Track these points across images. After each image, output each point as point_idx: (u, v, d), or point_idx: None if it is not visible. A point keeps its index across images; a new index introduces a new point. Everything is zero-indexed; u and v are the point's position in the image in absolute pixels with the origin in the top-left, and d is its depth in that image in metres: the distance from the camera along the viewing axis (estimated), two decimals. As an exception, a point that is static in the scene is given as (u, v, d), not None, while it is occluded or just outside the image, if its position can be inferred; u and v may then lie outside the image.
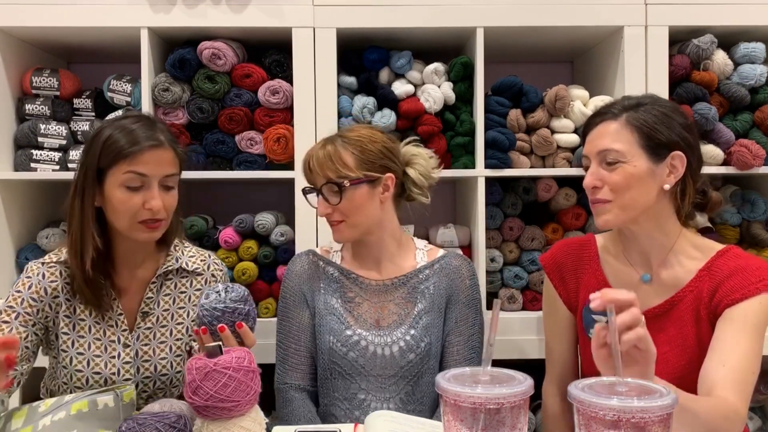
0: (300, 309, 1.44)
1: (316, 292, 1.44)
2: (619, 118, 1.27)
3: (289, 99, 1.84)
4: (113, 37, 1.88)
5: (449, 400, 0.84)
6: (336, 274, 1.46)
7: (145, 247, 1.38)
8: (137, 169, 1.26)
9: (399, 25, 1.82)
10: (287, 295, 1.46)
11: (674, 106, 1.31)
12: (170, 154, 1.31)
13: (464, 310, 1.44)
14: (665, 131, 1.24)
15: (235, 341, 1.16)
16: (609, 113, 1.29)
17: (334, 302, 1.43)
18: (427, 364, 1.39)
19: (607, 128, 1.28)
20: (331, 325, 1.40)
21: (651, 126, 1.25)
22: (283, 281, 1.49)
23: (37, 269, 1.34)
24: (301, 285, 1.46)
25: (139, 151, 1.26)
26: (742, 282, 1.22)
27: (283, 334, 1.45)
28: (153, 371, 1.35)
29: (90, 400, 1.15)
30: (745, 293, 1.21)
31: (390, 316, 1.42)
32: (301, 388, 1.42)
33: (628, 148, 1.24)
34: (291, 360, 1.43)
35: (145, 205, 1.27)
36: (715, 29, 1.85)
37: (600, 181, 1.27)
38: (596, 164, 1.28)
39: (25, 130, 1.88)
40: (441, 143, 1.85)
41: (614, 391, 0.82)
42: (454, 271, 1.45)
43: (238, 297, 1.18)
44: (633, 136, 1.25)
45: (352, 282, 1.44)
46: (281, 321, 1.46)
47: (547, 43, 2.02)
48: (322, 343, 1.39)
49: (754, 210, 1.93)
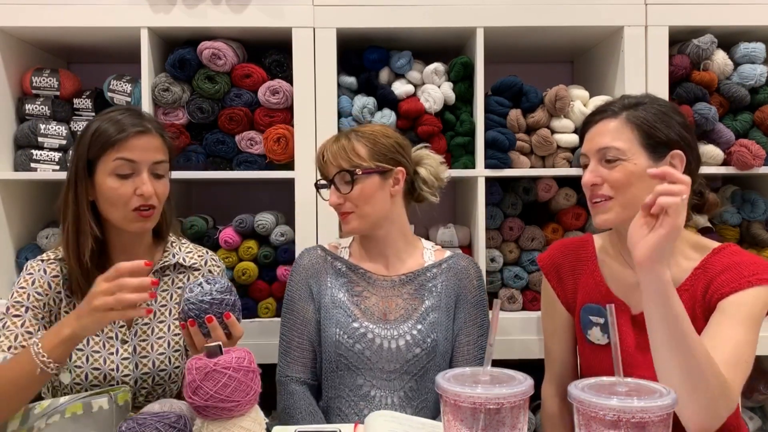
0: (305, 302, 1.46)
1: (322, 286, 1.45)
2: (619, 116, 1.27)
3: (289, 99, 1.84)
4: (113, 37, 1.88)
5: (449, 400, 0.84)
6: (344, 268, 1.47)
7: (141, 242, 1.39)
8: (125, 155, 1.29)
9: (399, 25, 1.82)
10: (293, 288, 1.48)
11: (672, 106, 1.31)
12: (158, 140, 1.34)
13: (472, 311, 1.46)
14: (665, 129, 1.24)
15: (221, 332, 1.16)
16: (608, 111, 1.29)
17: (342, 296, 1.44)
18: (433, 361, 1.39)
19: (606, 126, 1.27)
20: (338, 317, 1.41)
21: (651, 124, 1.24)
22: (290, 274, 1.50)
23: (38, 266, 1.35)
24: (308, 278, 1.47)
25: (126, 138, 1.29)
26: (735, 276, 1.21)
27: (287, 327, 1.46)
28: (151, 367, 1.36)
29: (84, 403, 1.16)
30: (735, 286, 1.20)
31: (397, 310, 1.43)
32: (302, 381, 1.43)
33: (628, 146, 1.24)
34: (293, 353, 1.44)
35: (136, 191, 1.29)
36: (715, 29, 1.85)
37: (600, 178, 1.26)
38: (595, 162, 1.28)
39: (25, 130, 1.88)
40: (441, 143, 1.85)
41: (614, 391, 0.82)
42: (462, 271, 1.47)
43: (223, 288, 1.18)
44: (633, 134, 1.25)
45: (360, 277, 1.46)
46: (286, 314, 1.48)
47: (547, 43, 2.02)
48: (328, 335, 1.40)
49: (754, 210, 1.93)
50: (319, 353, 1.43)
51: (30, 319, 1.29)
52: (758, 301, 1.20)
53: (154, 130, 1.34)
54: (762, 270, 1.21)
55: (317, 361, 1.44)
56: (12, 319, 1.28)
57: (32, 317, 1.29)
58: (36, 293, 1.31)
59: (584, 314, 1.35)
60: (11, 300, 1.31)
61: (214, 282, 1.18)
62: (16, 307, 1.30)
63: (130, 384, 1.33)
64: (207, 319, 1.14)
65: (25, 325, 1.28)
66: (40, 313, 1.31)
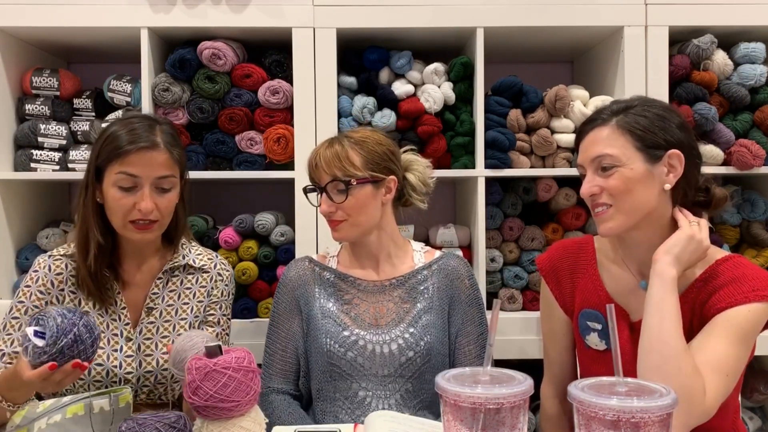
0: (291, 317, 1.46)
1: (310, 298, 1.45)
2: (609, 123, 1.25)
3: (289, 99, 1.84)
4: (113, 37, 1.88)
5: (449, 400, 0.84)
6: (332, 278, 1.47)
7: (150, 246, 1.41)
8: (127, 170, 1.29)
9: (399, 25, 1.82)
10: (279, 302, 1.48)
11: (666, 106, 1.29)
12: (164, 156, 1.33)
13: (468, 310, 1.45)
14: (657, 131, 1.22)
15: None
16: (598, 119, 1.27)
17: (331, 305, 1.43)
18: (429, 363, 1.39)
19: (598, 134, 1.25)
20: (328, 327, 1.40)
21: (643, 127, 1.22)
22: (278, 288, 1.50)
23: (44, 262, 1.38)
24: (295, 291, 1.47)
25: (129, 153, 1.29)
26: (734, 291, 1.19)
27: (271, 339, 1.47)
28: (155, 366, 1.36)
29: (86, 404, 1.16)
30: (731, 302, 1.17)
31: (388, 315, 1.42)
32: (283, 392, 1.44)
33: (622, 152, 1.22)
34: (276, 366, 1.45)
35: (135, 206, 1.30)
36: (715, 29, 1.85)
37: (597, 188, 1.24)
38: (592, 172, 1.26)
39: (25, 130, 1.88)
40: (441, 143, 1.85)
41: (614, 391, 0.82)
42: (452, 272, 1.47)
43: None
44: (625, 139, 1.23)
45: (349, 284, 1.45)
46: (272, 327, 1.48)
47: (547, 43, 2.02)
48: (319, 346, 1.39)
49: (754, 210, 1.92)
50: (307, 365, 1.43)
51: (26, 323, 1.29)
52: (753, 317, 1.17)
53: (163, 145, 1.32)
54: (763, 286, 1.18)
55: (304, 374, 1.44)
56: (11, 321, 1.32)
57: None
58: (38, 291, 1.34)
59: (582, 320, 1.34)
60: (15, 300, 1.34)
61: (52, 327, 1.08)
62: (17, 307, 1.33)
63: (132, 381, 1.34)
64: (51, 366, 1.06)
65: (22, 328, 1.29)
66: None
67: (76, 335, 1.07)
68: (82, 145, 1.89)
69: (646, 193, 1.23)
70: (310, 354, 1.42)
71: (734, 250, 1.92)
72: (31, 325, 1.07)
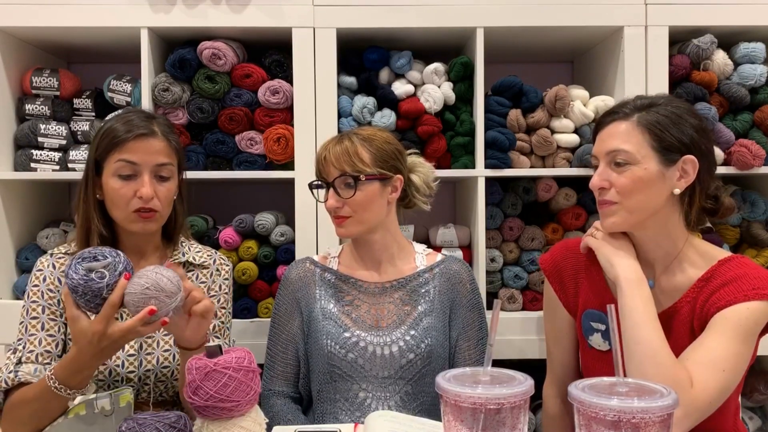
0: (291, 318, 1.46)
1: (311, 299, 1.45)
2: (630, 118, 1.23)
3: (289, 99, 1.84)
4: (113, 37, 1.88)
5: (449, 400, 0.84)
6: (333, 279, 1.47)
7: (150, 242, 1.41)
8: (127, 157, 1.31)
9: (399, 25, 1.82)
10: (281, 304, 1.49)
11: (688, 108, 1.26)
12: (162, 143, 1.35)
13: (469, 314, 1.46)
14: (676, 133, 1.20)
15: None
16: (620, 113, 1.25)
17: (331, 307, 1.44)
18: (429, 366, 1.39)
19: (617, 128, 1.24)
20: (328, 329, 1.40)
21: (663, 127, 1.20)
22: (279, 289, 1.51)
23: (47, 261, 1.38)
24: (296, 292, 1.47)
25: (129, 140, 1.31)
26: (734, 290, 1.18)
27: (272, 341, 1.48)
28: (155, 363, 1.37)
29: (88, 404, 1.16)
30: (731, 300, 1.16)
31: (389, 317, 1.42)
32: (284, 395, 1.45)
33: (637, 150, 1.21)
34: (278, 368, 1.46)
35: (136, 194, 1.31)
36: (715, 29, 1.85)
37: (607, 182, 1.23)
38: (604, 165, 1.25)
39: (25, 130, 1.88)
40: (441, 143, 1.85)
41: (614, 392, 0.82)
42: (454, 275, 1.47)
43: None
44: (643, 137, 1.21)
45: (351, 286, 1.46)
46: (273, 328, 1.49)
47: (547, 43, 2.02)
48: (320, 347, 1.39)
49: (754, 210, 1.92)
50: (307, 366, 1.44)
51: (46, 320, 1.31)
52: (754, 315, 1.15)
53: (161, 133, 1.35)
54: (763, 285, 1.17)
55: (303, 375, 1.45)
56: (31, 321, 1.32)
57: (49, 317, 1.32)
58: (48, 290, 1.34)
59: (585, 320, 1.34)
60: (28, 301, 1.34)
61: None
62: (33, 307, 1.33)
63: (134, 380, 1.34)
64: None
65: (45, 327, 1.30)
66: (57, 310, 1.33)
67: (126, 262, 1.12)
68: (82, 145, 1.89)
69: (655, 195, 1.22)
70: (311, 355, 1.42)
71: (734, 250, 1.92)
72: (78, 270, 1.09)
